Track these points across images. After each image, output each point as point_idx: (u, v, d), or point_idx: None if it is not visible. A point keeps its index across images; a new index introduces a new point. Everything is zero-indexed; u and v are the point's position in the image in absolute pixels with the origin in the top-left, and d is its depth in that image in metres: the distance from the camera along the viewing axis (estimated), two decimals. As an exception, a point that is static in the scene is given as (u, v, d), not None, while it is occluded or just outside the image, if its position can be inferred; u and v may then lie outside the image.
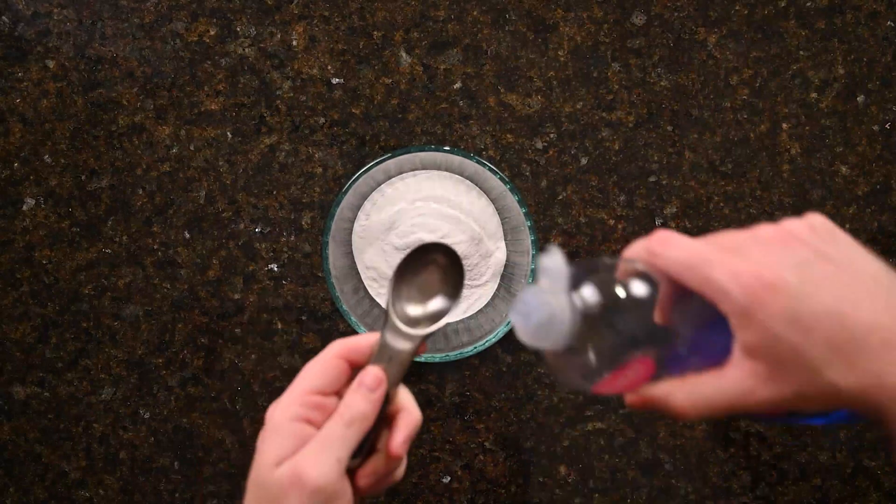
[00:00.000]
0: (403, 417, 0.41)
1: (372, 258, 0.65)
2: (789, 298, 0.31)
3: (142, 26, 0.67)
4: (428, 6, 0.67)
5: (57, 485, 0.68)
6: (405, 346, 0.42)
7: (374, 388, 0.40)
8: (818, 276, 0.32)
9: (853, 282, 0.32)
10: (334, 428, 0.39)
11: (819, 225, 0.34)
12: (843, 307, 0.31)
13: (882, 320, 0.31)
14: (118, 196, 0.67)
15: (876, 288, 0.31)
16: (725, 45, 0.67)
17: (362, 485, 0.41)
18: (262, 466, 0.39)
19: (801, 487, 0.67)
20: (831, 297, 0.31)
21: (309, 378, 0.41)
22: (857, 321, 0.31)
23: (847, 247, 0.33)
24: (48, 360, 0.68)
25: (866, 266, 0.32)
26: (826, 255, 0.32)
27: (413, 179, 0.65)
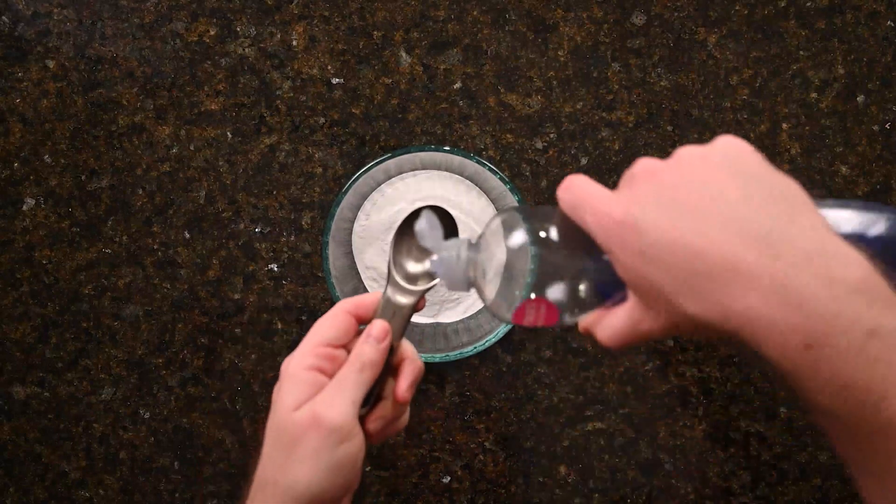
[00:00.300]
0: (407, 366, 0.46)
1: (372, 258, 0.65)
2: (637, 234, 0.32)
3: (142, 26, 0.67)
4: (428, 6, 0.67)
5: (57, 485, 0.68)
6: (407, 300, 0.46)
7: (382, 338, 0.44)
8: (672, 206, 0.32)
9: (708, 211, 0.31)
10: (347, 374, 0.43)
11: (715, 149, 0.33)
12: (688, 239, 0.31)
13: (726, 249, 0.30)
14: (118, 196, 0.67)
15: (730, 217, 0.31)
16: (725, 45, 0.67)
17: (371, 429, 0.45)
18: (280, 411, 0.42)
19: (801, 487, 0.67)
20: (678, 228, 0.31)
21: (320, 332, 0.45)
22: (703, 251, 0.30)
23: (731, 172, 0.32)
24: (48, 360, 0.68)
25: (736, 191, 0.31)
26: (694, 182, 0.32)
27: (413, 179, 0.65)
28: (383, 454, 0.68)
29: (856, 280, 0.29)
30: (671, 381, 0.67)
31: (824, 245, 0.30)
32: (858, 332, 0.28)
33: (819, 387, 0.29)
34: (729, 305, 0.30)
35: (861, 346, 0.28)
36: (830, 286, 0.29)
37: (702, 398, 0.68)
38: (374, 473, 0.68)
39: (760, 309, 0.29)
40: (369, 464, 0.68)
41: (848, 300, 0.28)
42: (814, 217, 0.31)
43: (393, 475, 0.68)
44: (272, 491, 0.42)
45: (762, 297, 0.29)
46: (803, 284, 0.29)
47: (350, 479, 0.43)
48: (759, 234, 0.30)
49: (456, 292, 0.65)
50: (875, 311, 0.28)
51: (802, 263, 0.29)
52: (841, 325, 0.28)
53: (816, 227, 0.30)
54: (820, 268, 0.29)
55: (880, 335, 0.28)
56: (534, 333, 0.67)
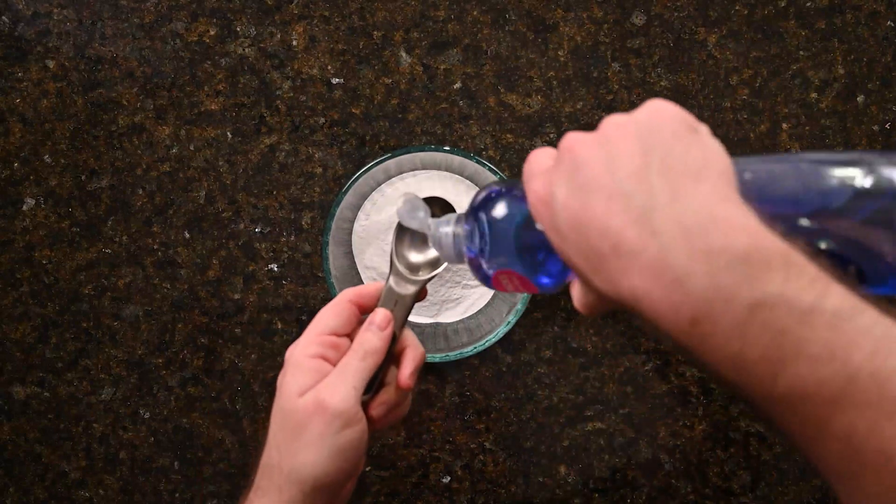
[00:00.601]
0: (409, 353, 0.47)
1: (372, 258, 0.65)
2: (550, 211, 0.32)
3: (142, 26, 0.67)
4: (428, 6, 0.67)
5: (57, 485, 0.68)
6: (409, 290, 0.48)
7: (384, 326, 0.46)
8: (578, 184, 0.31)
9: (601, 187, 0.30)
10: (351, 361, 0.44)
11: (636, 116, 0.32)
12: (583, 216, 0.31)
13: (609, 226, 0.30)
14: (118, 196, 0.67)
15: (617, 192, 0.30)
16: (725, 45, 0.67)
17: (375, 414, 0.46)
18: (285, 397, 0.44)
19: (801, 487, 0.67)
20: (579, 206, 0.31)
21: (324, 320, 0.46)
22: (592, 228, 0.30)
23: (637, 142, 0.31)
24: (48, 360, 0.68)
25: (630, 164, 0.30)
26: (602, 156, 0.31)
27: (413, 179, 0.65)
28: (383, 454, 0.68)
29: (738, 250, 0.28)
30: (671, 381, 0.67)
31: (708, 215, 0.29)
32: (740, 306, 0.27)
33: (716, 360, 0.29)
34: (618, 283, 0.30)
35: (745, 319, 0.27)
36: (709, 260, 0.28)
37: (702, 398, 0.67)
38: (374, 473, 0.68)
39: (644, 287, 0.29)
40: (369, 464, 0.68)
41: (728, 273, 0.27)
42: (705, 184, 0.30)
43: (393, 475, 0.68)
44: (278, 475, 0.43)
45: (643, 275, 0.29)
46: (681, 261, 0.28)
47: (354, 464, 0.44)
48: (640, 210, 0.29)
49: (456, 292, 0.65)
50: (759, 281, 0.27)
51: (680, 239, 0.28)
52: (721, 300, 0.28)
53: (703, 196, 0.29)
54: (698, 242, 0.28)
55: (766, 305, 0.27)
56: (534, 333, 0.67)
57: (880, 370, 0.26)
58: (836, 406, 0.27)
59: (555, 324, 0.67)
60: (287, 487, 0.43)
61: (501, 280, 0.39)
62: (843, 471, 0.28)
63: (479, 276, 0.40)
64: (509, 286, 0.40)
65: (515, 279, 0.39)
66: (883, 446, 0.27)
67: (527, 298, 0.62)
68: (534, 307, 0.67)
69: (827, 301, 0.27)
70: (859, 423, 0.27)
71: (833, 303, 0.27)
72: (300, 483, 0.43)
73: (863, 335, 0.27)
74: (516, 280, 0.39)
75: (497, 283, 0.40)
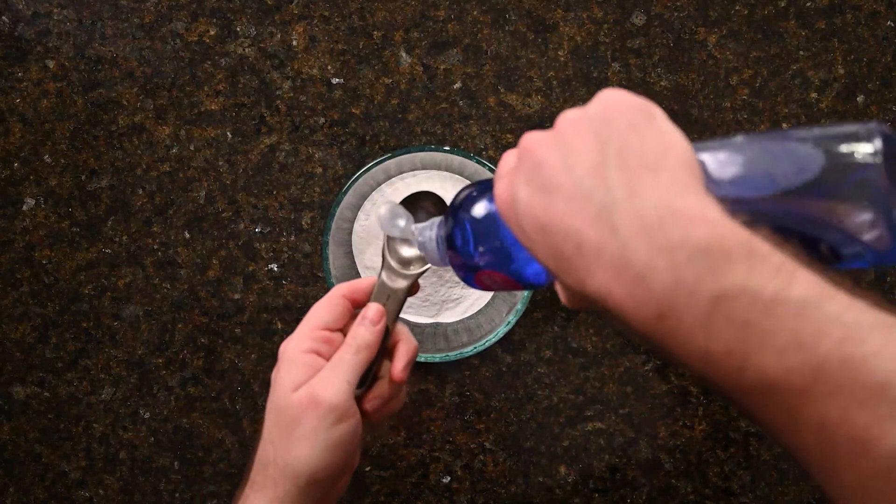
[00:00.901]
0: (402, 347, 0.47)
1: (372, 258, 0.65)
2: (515, 214, 0.32)
3: (142, 26, 0.67)
4: (428, 6, 0.67)
5: (57, 485, 0.68)
6: (401, 284, 0.48)
7: (377, 321, 0.46)
8: (537, 186, 0.31)
9: (560, 186, 0.30)
10: (344, 356, 0.45)
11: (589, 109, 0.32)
12: (545, 217, 0.30)
13: (570, 226, 0.30)
14: (118, 196, 0.67)
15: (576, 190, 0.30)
16: (725, 45, 0.67)
17: (369, 408, 0.47)
18: (279, 392, 0.44)
19: (801, 487, 0.67)
20: (539, 207, 0.31)
21: (317, 316, 0.46)
22: (555, 230, 0.30)
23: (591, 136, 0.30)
24: (48, 360, 0.68)
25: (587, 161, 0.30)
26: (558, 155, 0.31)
27: (413, 179, 0.65)
28: (383, 454, 0.68)
29: (698, 242, 0.27)
30: (671, 381, 0.67)
31: (666, 209, 0.28)
32: (703, 299, 0.27)
33: (683, 355, 0.28)
34: (584, 282, 0.30)
35: (708, 312, 0.27)
36: (670, 254, 0.27)
37: (702, 398, 0.67)
38: (374, 473, 0.68)
39: (608, 285, 0.29)
40: (369, 464, 0.68)
41: (688, 267, 0.27)
42: (662, 176, 0.29)
43: (393, 475, 0.68)
44: (272, 470, 0.44)
45: (606, 273, 0.29)
46: (641, 257, 0.28)
47: (348, 458, 0.44)
48: (599, 208, 0.29)
49: (455, 292, 0.65)
50: (721, 274, 0.27)
51: (639, 235, 0.28)
52: (683, 294, 0.27)
53: (661, 189, 0.29)
54: (658, 236, 0.28)
55: (729, 297, 0.27)
56: (534, 333, 0.67)
57: (851, 357, 0.26)
58: (807, 396, 0.26)
59: (555, 324, 0.67)
60: (282, 481, 0.43)
61: (484, 279, 0.39)
62: (819, 460, 0.27)
63: (463, 276, 0.40)
64: (493, 285, 0.40)
65: (498, 278, 0.39)
66: (856, 434, 0.26)
67: (527, 298, 0.62)
68: (534, 307, 0.67)
69: (793, 290, 0.27)
70: (831, 412, 0.26)
71: (799, 291, 0.27)
72: (295, 477, 0.43)
73: (831, 322, 0.26)
74: (498, 279, 0.39)
75: (480, 282, 0.40)
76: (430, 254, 0.43)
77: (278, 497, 0.43)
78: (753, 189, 0.31)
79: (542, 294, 0.67)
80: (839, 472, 0.27)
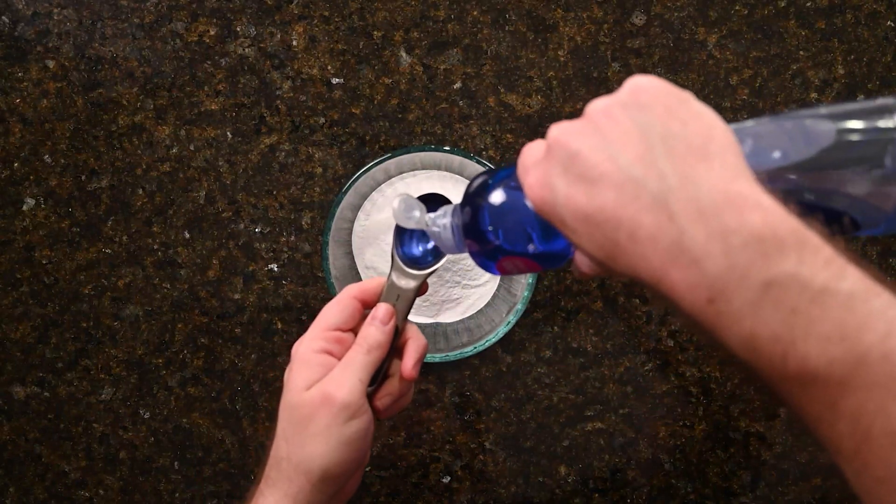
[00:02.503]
0: (411, 344, 0.48)
1: (372, 258, 0.65)
2: (553, 206, 0.33)
3: (142, 26, 0.67)
4: (428, 6, 0.67)
5: (57, 485, 0.68)
6: (410, 284, 0.48)
7: (387, 321, 0.47)
8: (576, 176, 0.32)
9: (606, 176, 0.31)
10: (355, 355, 0.45)
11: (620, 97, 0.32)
12: (591, 208, 0.31)
13: (624, 215, 0.30)
14: (118, 196, 0.67)
15: (626, 179, 0.30)
16: (725, 45, 0.67)
17: (379, 405, 0.48)
18: (293, 391, 0.45)
19: (801, 487, 0.67)
20: (583, 198, 0.31)
21: (328, 316, 0.47)
22: (604, 220, 0.31)
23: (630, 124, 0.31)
24: (48, 360, 0.68)
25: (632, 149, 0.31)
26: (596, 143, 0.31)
27: (413, 179, 0.65)
28: (383, 454, 0.68)
29: (752, 228, 0.28)
30: (671, 381, 0.67)
31: (722, 195, 0.29)
32: (754, 284, 0.28)
33: (731, 339, 0.29)
34: (636, 267, 0.31)
35: (758, 298, 0.28)
36: (724, 240, 0.28)
37: (702, 398, 0.67)
38: (374, 473, 0.68)
39: (663, 270, 0.30)
40: (369, 464, 0.68)
41: (742, 252, 0.28)
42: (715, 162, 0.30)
43: (393, 475, 0.68)
44: (286, 466, 0.44)
45: (662, 258, 0.29)
46: (697, 243, 0.28)
47: (360, 455, 0.45)
48: (653, 196, 0.30)
49: (456, 293, 0.65)
50: (773, 261, 0.28)
51: (696, 220, 0.29)
52: (735, 279, 0.28)
53: (715, 175, 0.29)
54: (714, 222, 0.28)
55: (779, 284, 0.27)
56: (534, 333, 0.67)
57: (892, 352, 0.27)
58: (846, 386, 0.27)
59: (555, 324, 0.67)
60: (295, 478, 0.44)
61: (505, 265, 0.40)
62: (851, 452, 0.28)
63: (482, 263, 0.40)
64: (514, 270, 0.40)
65: (520, 262, 0.39)
66: (891, 427, 0.27)
67: (527, 299, 0.62)
68: (534, 307, 0.67)
69: (842, 282, 0.27)
70: (868, 404, 0.27)
71: (847, 284, 0.27)
72: (308, 473, 0.44)
73: (876, 317, 0.27)
74: (521, 263, 0.39)
75: (501, 268, 0.40)
76: (444, 242, 0.43)
77: (292, 493, 0.44)
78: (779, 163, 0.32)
79: (542, 294, 0.67)
80: (872, 466, 0.27)
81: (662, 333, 0.67)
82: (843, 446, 0.28)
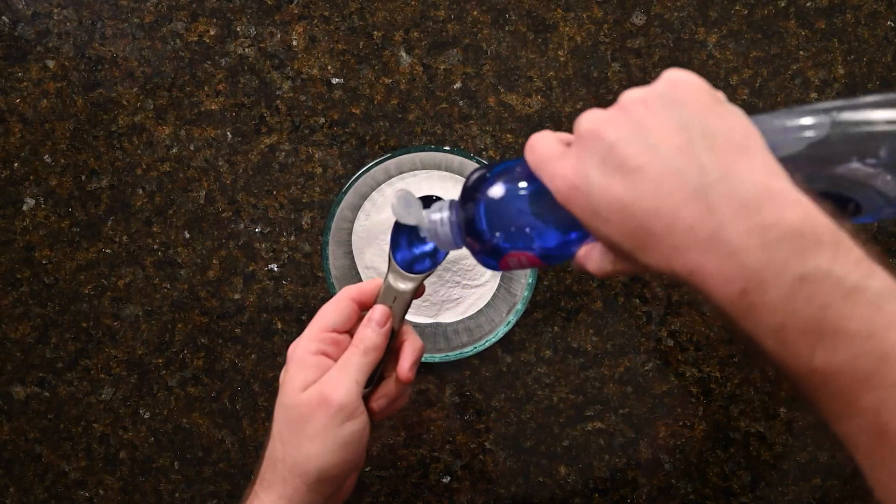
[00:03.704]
0: (408, 346, 0.48)
1: (372, 258, 0.65)
2: (586, 196, 0.33)
3: (142, 26, 0.67)
4: (428, 6, 0.67)
5: (57, 485, 0.68)
6: (407, 286, 0.49)
7: (383, 322, 0.47)
8: (613, 167, 0.32)
9: (645, 167, 0.31)
10: (352, 357, 0.46)
11: (657, 89, 0.33)
12: (628, 198, 0.31)
13: (662, 207, 0.31)
14: (118, 196, 0.67)
15: (666, 171, 0.31)
16: (725, 45, 0.67)
17: (375, 407, 0.48)
18: (289, 392, 0.45)
19: (801, 487, 0.67)
20: (620, 188, 0.32)
21: (325, 318, 0.47)
22: (641, 210, 0.31)
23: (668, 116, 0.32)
24: (48, 360, 0.68)
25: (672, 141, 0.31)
26: (634, 135, 0.32)
27: (413, 179, 0.65)
28: (383, 454, 0.68)
29: (789, 224, 0.29)
30: (671, 381, 0.67)
31: (763, 190, 0.30)
32: (789, 278, 0.28)
33: (760, 332, 0.30)
34: (671, 259, 0.31)
35: (792, 291, 0.29)
36: (762, 234, 0.29)
37: (702, 398, 0.68)
38: (374, 473, 0.68)
39: (699, 261, 0.30)
40: (369, 464, 0.68)
41: (779, 247, 0.29)
42: (755, 158, 0.31)
43: (393, 475, 0.68)
44: (282, 467, 0.44)
45: (700, 251, 0.30)
46: (737, 236, 0.29)
47: (356, 456, 0.45)
48: (694, 188, 0.30)
49: (456, 292, 0.65)
50: (809, 256, 0.28)
51: (736, 214, 0.29)
52: (771, 273, 0.29)
53: (756, 171, 0.30)
54: (753, 217, 0.29)
55: (813, 279, 0.28)
56: (534, 333, 0.67)
57: None
58: (868, 383, 0.28)
59: (555, 324, 0.67)
60: (291, 479, 0.44)
61: (510, 261, 0.39)
62: (869, 448, 0.29)
63: (483, 260, 0.40)
64: (517, 266, 0.40)
65: (524, 258, 0.39)
66: None
67: (527, 299, 0.62)
68: (534, 307, 0.67)
69: (872, 282, 0.28)
70: (889, 401, 0.28)
71: (877, 284, 0.28)
72: (304, 475, 0.44)
73: None
74: (525, 259, 0.39)
75: (505, 265, 0.40)
76: (442, 237, 0.42)
77: (287, 494, 0.44)
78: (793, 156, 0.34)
79: (542, 294, 0.67)
80: (888, 461, 0.28)
81: (662, 333, 0.67)
82: (861, 442, 0.29)
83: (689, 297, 0.67)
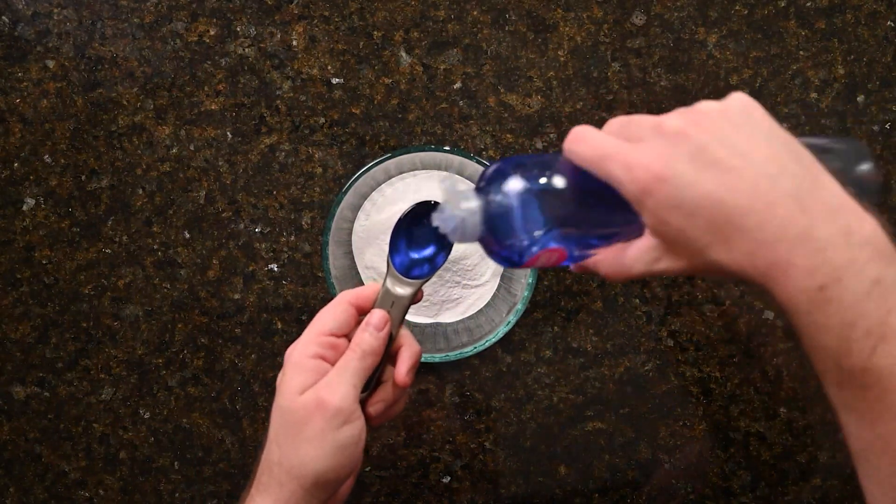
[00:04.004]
0: (405, 351, 0.48)
1: (372, 258, 0.65)
2: (674, 188, 0.34)
3: (142, 26, 0.67)
4: (428, 6, 0.67)
5: (57, 485, 0.68)
6: (405, 291, 0.49)
7: (381, 327, 0.47)
8: (705, 164, 0.34)
9: (741, 169, 0.34)
10: (349, 361, 0.46)
11: (734, 107, 0.36)
12: (721, 193, 0.33)
13: (758, 205, 0.33)
14: (118, 196, 0.67)
15: (761, 174, 0.34)
16: (725, 45, 0.67)
17: (372, 412, 0.48)
18: (286, 395, 0.45)
19: (801, 487, 0.67)
20: (713, 184, 0.34)
21: (323, 321, 0.47)
22: (735, 205, 0.33)
23: (752, 131, 0.35)
24: (48, 360, 0.68)
25: (761, 151, 0.34)
26: (723, 140, 0.34)
27: (413, 179, 0.65)
28: (383, 454, 0.68)
29: (867, 234, 0.33)
30: (671, 381, 0.67)
31: (844, 201, 0.34)
32: (866, 279, 0.32)
33: (827, 325, 0.32)
34: (756, 253, 0.33)
35: (867, 290, 0.32)
36: (847, 236, 0.32)
37: (702, 398, 0.68)
38: (374, 473, 0.68)
39: (785, 256, 0.33)
40: (369, 464, 0.68)
41: (860, 250, 0.32)
42: (827, 175, 0.35)
43: (393, 475, 0.68)
44: (278, 471, 0.44)
45: (789, 246, 0.33)
46: (826, 234, 0.32)
47: (353, 460, 0.45)
48: (788, 191, 0.33)
49: (456, 292, 0.65)
50: (882, 263, 0.32)
51: (826, 217, 0.33)
52: (852, 271, 0.32)
53: (834, 185, 0.34)
54: (840, 221, 0.33)
55: (884, 283, 0.32)
56: (534, 333, 0.67)
57: None
58: None
59: (555, 324, 0.67)
60: (288, 482, 0.44)
61: (541, 257, 0.39)
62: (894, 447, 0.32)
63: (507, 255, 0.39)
64: (546, 262, 0.40)
65: (556, 254, 0.39)
66: None
67: (527, 298, 0.62)
68: (534, 307, 0.67)
69: None
70: None
71: None
72: (301, 478, 0.44)
73: None
74: (556, 255, 0.39)
75: (534, 260, 0.39)
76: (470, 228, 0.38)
77: (283, 498, 0.44)
78: None
79: (542, 294, 0.67)
80: None
81: (662, 333, 0.67)
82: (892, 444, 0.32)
83: (689, 297, 0.67)
